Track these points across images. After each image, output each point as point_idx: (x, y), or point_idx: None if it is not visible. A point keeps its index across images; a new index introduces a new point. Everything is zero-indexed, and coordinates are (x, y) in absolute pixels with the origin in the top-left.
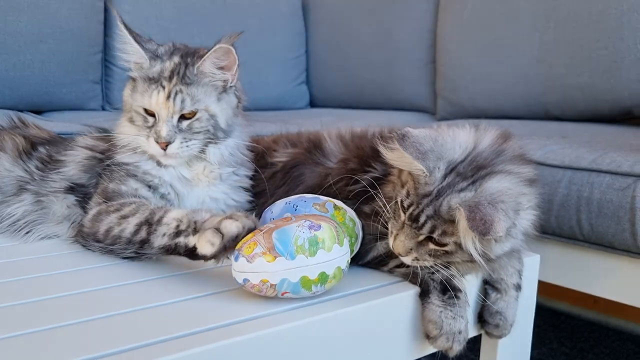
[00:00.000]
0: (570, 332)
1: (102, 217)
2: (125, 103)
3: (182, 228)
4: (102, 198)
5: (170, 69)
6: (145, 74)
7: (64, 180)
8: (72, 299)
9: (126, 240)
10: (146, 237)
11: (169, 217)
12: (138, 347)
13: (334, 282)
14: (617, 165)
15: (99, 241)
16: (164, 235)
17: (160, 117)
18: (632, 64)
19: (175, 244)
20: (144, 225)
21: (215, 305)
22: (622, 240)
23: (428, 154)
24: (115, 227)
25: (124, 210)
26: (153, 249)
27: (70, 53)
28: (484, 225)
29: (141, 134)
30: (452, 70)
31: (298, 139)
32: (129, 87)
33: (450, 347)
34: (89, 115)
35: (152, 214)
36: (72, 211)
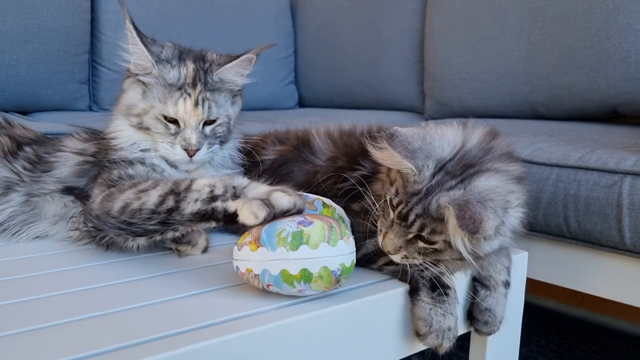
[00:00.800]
0: (557, 329)
1: (115, 195)
2: (132, 108)
3: (217, 193)
4: (107, 185)
5: (192, 76)
6: (161, 79)
7: (58, 182)
8: (60, 299)
9: (149, 212)
10: (174, 205)
11: (198, 184)
12: (127, 347)
13: (321, 283)
14: (603, 162)
15: (113, 217)
16: (197, 201)
17: (188, 125)
18: (618, 63)
19: (212, 209)
20: (170, 195)
21: (202, 303)
22: (609, 237)
23: (417, 153)
24: (134, 201)
25: (141, 186)
26: (184, 217)
27: (57, 53)
28: (474, 224)
29: (163, 141)
30: (440, 70)
31: (286, 136)
32: (136, 92)
33: (440, 344)
34: (76, 116)
35: (177, 184)
36: (69, 208)
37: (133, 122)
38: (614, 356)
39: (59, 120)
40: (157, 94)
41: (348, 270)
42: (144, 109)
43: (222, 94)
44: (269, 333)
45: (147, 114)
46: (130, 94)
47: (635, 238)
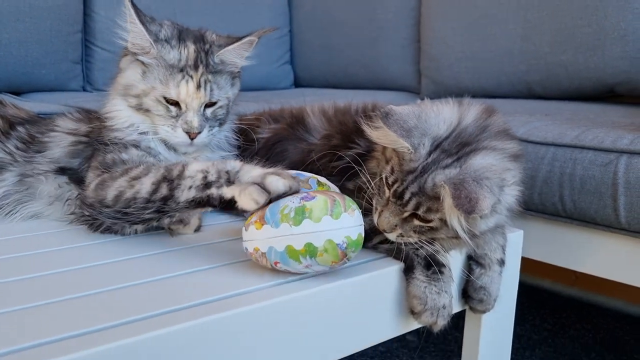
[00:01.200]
0: (552, 308)
1: (108, 183)
2: (131, 88)
3: (211, 179)
4: (101, 170)
5: (194, 58)
6: (161, 60)
7: (51, 163)
8: (54, 277)
9: (143, 201)
10: (168, 193)
11: (191, 170)
12: (122, 324)
13: (327, 257)
14: (599, 141)
15: (108, 207)
16: (191, 188)
17: (190, 107)
18: (615, 42)
19: (207, 197)
20: (163, 183)
21: (197, 281)
22: (604, 216)
23: (412, 131)
24: (127, 190)
25: (132, 173)
26: (179, 204)
27: (49, 32)
28: (469, 203)
29: (164, 123)
30: (436, 49)
31: (281, 114)
32: (135, 72)
33: (435, 322)
34: (69, 96)
35: (169, 170)
36: (64, 190)
37: (132, 103)
38: (607, 334)
39: (53, 100)
40: (157, 75)
41: (355, 243)
42: (144, 90)
43: (223, 76)
44: (261, 312)
45: (147, 96)
46: (128, 73)
47: (630, 217)
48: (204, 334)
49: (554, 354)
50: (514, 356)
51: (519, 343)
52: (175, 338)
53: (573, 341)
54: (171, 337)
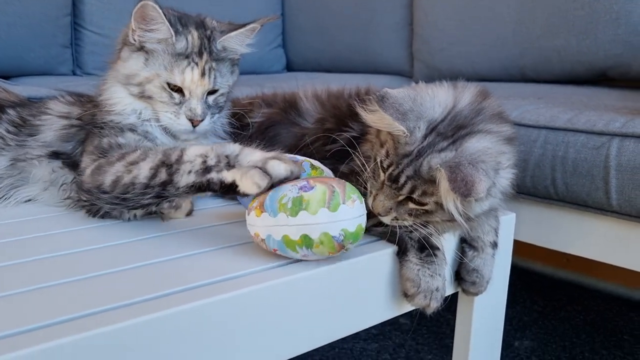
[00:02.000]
0: (543, 291)
1: (105, 168)
2: (133, 77)
3: (210, 163)
4: (97, 154)
5: (198, 45)
6: (169, 47)
7: (44, 147)
8: (47, 262)
9: (142, 186)
10: (168, 178)
11: (190, 154)
12: (119, 307)
13: (323, 248)
14: (591, 124)
15: (105, 192)
16: (190, 173)
17: (194, 94)
18: (607, 25)
19: (207, 181)
20: (162, 167)
21: (196, 264)
22: (596, 199)
23: (408, 114)
24: (125, 175)
25: (129, 157)
26: (179, 189)
27: (38, 15)
28: (466, 187)
29: (167, 110)
30: (429, 33)
31: (273, 98)
32: (138, 61)
33: (428, 304)
34: (59, 80)
35: (166, 155)
36: (58, 174)
37: (133, 91)
38: (597, 316)
39: (42, 84)
40: (162, 62)
41: (353, 235)
42: (147, 78)
43: (225, 63)
44: (255, 294)
45: (150, 82)
46: (130, 63)
47: (621, 199)
48: (198, 317)
49: (544, 335)
50: (505, 337)
51: (510, 325)
52: (173, 320)
53: (563, 323)
54: (169, 320)
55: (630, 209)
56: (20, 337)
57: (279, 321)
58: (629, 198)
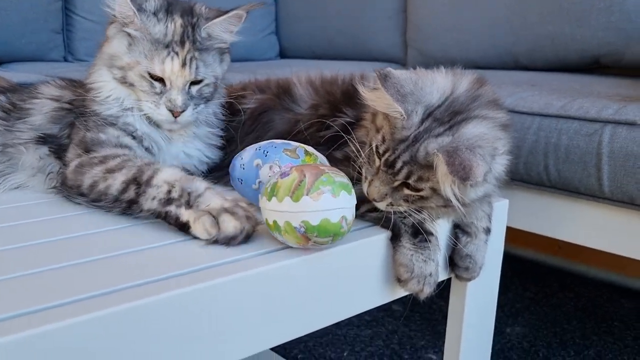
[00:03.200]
0: (535, 278)
1: (86, 169)
2: (116, 59)
3: (174, 196)
4: (81, 149)
5: (180, 33)
6: (147, 33)
7: (32, 131)
8: (29, 249)
9: (113, 198)
10: (135, 197)
11: (159, 179)
12: (99, 295)
13: (290, 237)
14: (585, 111)
15: (83, 195)
16: (154, 200)
17: (174, 85)
18: (601, 13)
19: (165, 212)
20: (132, 185)
21: (184, 251)
22: (588, 186)
23: (407, 97)
24: (101, 182)
25: (108, 164)
26: (142, 212)
27: (29, 1)
28: (464, 171)
29: (148, 100)
30: (423, 20)
31: (267, 84)
32: (121, 43)
33: (421, 289)
34: (50, 67)
35: (140, 171)
36: (45, 162)
37: (117, 75)
38: (588, 302)
39: (33, 70)
40: (143, 50)
41: (316, 228)
42: (129, 64)
43: (210, 53)
44: (249, 280)
45: (131, 70)
46: (114, 43)
47: (613, 186)
48: (186, 303)
49: (536, 321)
50: (497, 324)
51: (502, 311)
52: (159, 307)
53: (555, 309)
54: (154, 306)
55: (622, 195)
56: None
57: (271, 307)
58: (621, 185)
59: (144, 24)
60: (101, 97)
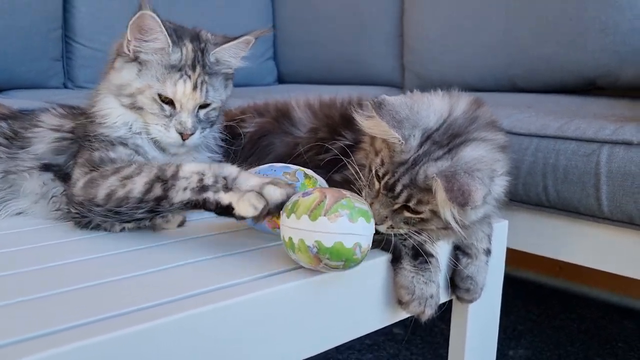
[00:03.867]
0: (537, 299)
1: (98, 182)
2: (125, 88)
3: (207, 182)
4: (88, 167)
5: (192, 57)
6: (163, 60)
7: (35, 160)
8: (40, 273)
9: (136, 200)
10: (162, 193)
11: (186, 171)
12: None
13: (302, 256)
14: (582, 132)
15: (98, 205)
16: (186, 190)
17: (185, 108)
18: (596, 35)
19: (203, 200)
20: (157, 183)
21: (187, 274)
22: (587, 206)
23: (403, 122)
24: (119, 189)
25: (124, 172)
26: (173, 205)
27: (29, 28)
28: (462, 196)
29: (157, 122)
30: (420, 43)
31: (266, 108)
32: (131, 71)
33: (422, 311)
34: (50, 94)
35: (162, 170)
36: (49, 187)
37: (125, 102)
38: (591, 324)
39: (33, 97)
40: (155, 73)
41: (328, 250)
42: (139, 89)
43: (218, 77)
44: (250, 303)
45: (142, 94)
46: (123, 73)
47: (612, 206)
48: (188, 327)
49: (539, 343)
50: (499, 346)
51: (504, 334)
52: (162, 331)
53: (558, 331)
54: (157, 330)
55: (622, 215)
56: (7, 348)
57: (271, 330)
58: (620, 204)
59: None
60: (109, 122)
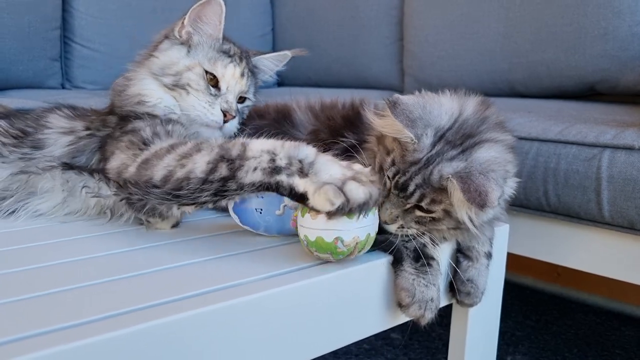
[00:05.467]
0: (535, 305)
1: (153, 162)
2: (169, 67)
3: (280, 164)
4: (137, 148)
5: (239, 53)
6: (215, 45)
7: (53, 160)
8: (51, 269)
9: (199, 181)
10: (229, 173)
11: (254, 150)
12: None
13: (303, 248)
14: (583, 136)
15: (156, 187)
16: (256, 170)
17: (231, 90)
18: (596, 40)
19: (276, 183)
20: (221, 162)
21: (184, 275)
22: (588, 210)
23: (417, 122)
24: (178, 169)
25: (180, 150)
26: (243, 188)
27: (27, 28)
28: (480, 197)
29: (202, 99)
30: (420, 48)
31: (266, 110)
32: (180, 51)
33: (423, 315)
34: (48, 94)
35: (225, 149)
36: (75, 182)
37: (166, 81)
38: (589, 330)
39: (31, 97)
40: (206, 55)
41: (313, 243)
42: (187, 66)
43: (254, 79)
44: (251, 304)
45: (190, 70)
46: (171, 52)
47: (613, 211)
48: (184, 328)
49: (537, 350)
50: (498, 352)
51: (502, 339)
52: (158, 331)
53: (556, 337)
54: (155, 331)
55: (623, 220)
56: (15, 344)
57: (268, 333)
58: (621, 209)
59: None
60: (149, 102)
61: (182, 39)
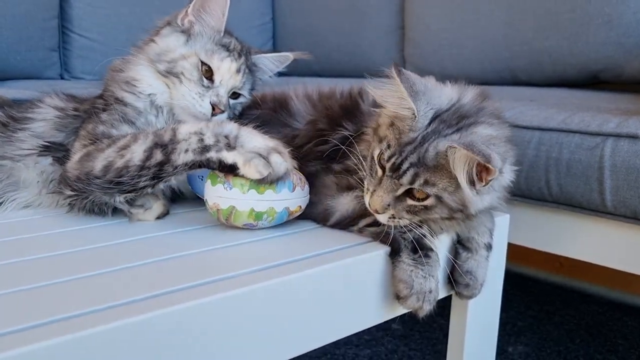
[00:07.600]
0: (536, 295)
1: (94, 155)
2: (166, 54)
3: (208, 143)
4: (88, 140)
5: (239, 49)
6: (215, 37)
7: (34, 138)
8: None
9: (137, 168)
10: (164, 158)
11: (183, 133)
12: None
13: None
14: (586, 125)
15: (97, 177)
16: (187, 152)
17: (224, 84)
18: (600, 27)
19: (207, 160)
20: (156, 149)
21: (176, 267)
22: (590, 200)
23: (419, 95)
24: (117, 159)
25: (119, 143)
26: (177, 169)
27: (24, 17)
28: (483, 154)
29: (193, 89)
30: (421, 36)
31: (262, 98)
32: (178, 39)
33: (421, 306)
34: (47, 84)
35: (158, 135)
36: (47, 174)
37: (160, 68)
38: (591, 320)
39: (29, 88)
40: (204, 46)
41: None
42: (183, 54)
43: (251, 77)
44: (246, 297)
45: (185, 59)
46: (170, 39)
47: (616, 200)
48: (180, 321)
49: (539, 340)
50: (499, 342)
51: (504, 330)
52: (152, 326)
53: (558, 327)
54: (150, 323)
55: (625, 210)
56: (10, 336)
57: (267, 325)
58: (624, 199)
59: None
60: (138, 88)
61: (183, 27)
